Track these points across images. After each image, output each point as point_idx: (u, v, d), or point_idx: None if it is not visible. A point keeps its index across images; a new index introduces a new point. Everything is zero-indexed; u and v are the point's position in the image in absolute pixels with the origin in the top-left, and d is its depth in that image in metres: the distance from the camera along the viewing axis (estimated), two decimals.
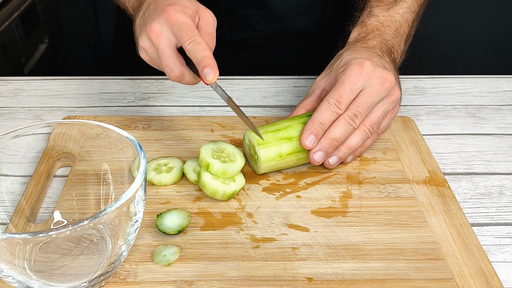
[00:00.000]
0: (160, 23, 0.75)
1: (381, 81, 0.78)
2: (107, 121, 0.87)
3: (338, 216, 0.72)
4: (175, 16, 0.75)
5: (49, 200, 0.76)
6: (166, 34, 0.75)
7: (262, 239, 0.69)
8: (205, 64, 0.72)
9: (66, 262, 0.60)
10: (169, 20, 0.75)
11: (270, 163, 0.77)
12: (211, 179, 0.74)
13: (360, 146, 0.80)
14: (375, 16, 0.91)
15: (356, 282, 0.63)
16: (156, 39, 0.75)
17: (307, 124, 0.77)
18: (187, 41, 0.73)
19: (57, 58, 2.18)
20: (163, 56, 0.75)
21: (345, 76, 0.78)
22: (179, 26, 0.74)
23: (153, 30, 0.75)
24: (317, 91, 0.84)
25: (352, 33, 0.91)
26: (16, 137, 0.66)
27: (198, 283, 0.63)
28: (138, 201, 0.58)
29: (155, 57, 0.78)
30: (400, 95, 0.83)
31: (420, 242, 0.68)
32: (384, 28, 0.90)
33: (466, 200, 0.78)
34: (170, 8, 0.75)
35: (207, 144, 0.77)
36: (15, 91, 1.03)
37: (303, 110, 0.83)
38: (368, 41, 0.87)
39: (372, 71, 0.78)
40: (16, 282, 0.57)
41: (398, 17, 0.92)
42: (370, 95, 0.78)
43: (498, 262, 0.68)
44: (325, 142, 0.77)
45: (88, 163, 0.72)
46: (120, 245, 0.59)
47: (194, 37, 0.73)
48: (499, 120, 0.96)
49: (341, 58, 0.83)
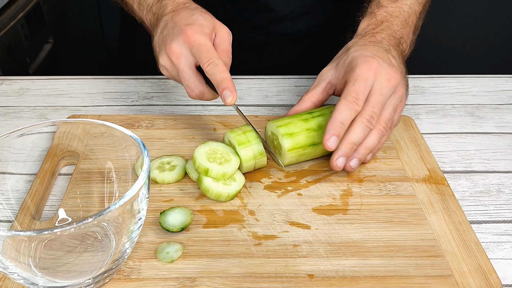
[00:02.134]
0: (179, 43, 0.77)
1: (388, 78, 0.78)
2: (111, 120, 0.87)
3: (339, 214, 0.72)
4: (194, 37, 0.77)
5: (54, 198, 0.76)
6: (185, 55, 0.78)
7: (264, 237, 0.69)
8: (224, 86, 0.75)
9: (70, 259, 0.60)
10: (188, 42, 0.77)
11: (293, 153, 0.78)
12: (213, 182, 0.73)
13: (377, 144, 0.79)
14: (384, 7, 0.90)
15: (357, 279, 0.63)
16: (176, 60, 0.78)
17: (328, 125, 0.75)
18: (206, 63, 0.76)
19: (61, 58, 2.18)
20: (183, 77, 0.78)
21: (355, 73, 0.78)
22: (198, 47, 0.77)
23: (173, 51, 0.78)
24: (322, 83, 0.84)
25: (361, 24, 0.90)
26: (21, 135, 0.66)
27: (200, 280, 0.63)
28: (142, 199, 0.58)
29: (175, 74, 0.81)
30: (406, 91, 0.83)
31: (419, 239, 0.68)
32: (393, 19, 0.89)
33: (465, 198, 0.78)
34: (189, 29, 0.78)
35: (199, 148, 0.76)
36: (20, 90, 1.03)
37: (308, 102, 0.83)
38: (376, 34, 0.87)
39: (379, 68, 0.78)
40: (21, 279, 0.57)
41: (406, 8, 0.91)
42: (381, 93, 0.77)
43: (496, 259, 0.68)
44: (345, 147, 0.76)
45: (92, 161, 0.72)
46: (124, 242, 0.59)
47: (212, 59, 0.76)
48: (498, 119, 0.96)
49: (348, 54, 0.82)
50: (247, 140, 0.77)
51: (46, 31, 2.00)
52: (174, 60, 0.78)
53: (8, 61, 1.66)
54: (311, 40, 1.22)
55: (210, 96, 0.81)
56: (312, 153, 0.79)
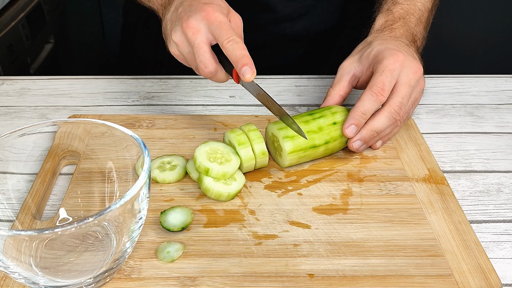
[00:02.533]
0: (197, 19, 0.76)
1: (414, 70, 0.80)
2: (112, 120, 0.87)
3: (339, 213, 0.72)
4: (214, 14, 0.76)
5: (55, 197, 0.76)
6: (203, 31, 0.77)
7: (264, 236, 0.69)
8: (244, 62, 0.75)
9: (71, 258, 0.60)
10: (208, 18, 0.76)
11: (294, 155, 0.78)
12: (213, 182, 0.73)
13: (388, 134, 0.81)
14: (400, 4, 0.92)
15: (357, 278, 0.63)
16: (193, 35, 0.76)
17: (351, 113, 0.78)
18: (226, 40, 0.75)
19: (62, 58, 2.18)
20: (198, 52, 0.77)
21: (383, 65, 0.79)
22: (218, 24, 0.76)
23: (190, 26, 0.76)
24: (346, 76, 0.84)
25: (378, 20, 0.92)
26: (22, 135, 0.66)
27: (201, 279, 0.62)
28: (142, 198, 0.58)
29: (186, 52, 0.79)
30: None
31: (419, 239, 0.68)
32: (409, 16, 0.91)
33: (465, 198, 0.78)
34: (208, 7, 0.77)
35: (199, 148, 0.76)
36: (21, 90, 1.03)
37: (337, 96, 0.84)
38: (395, 30, 0.88)
39: (405, 60, 0.80)
40: (22, 278, 0.57)
41: (420, 5, 0.94)
42: (409, 84, 0.79)
43: (496, 258, 0.68)
44: (366, 133, 0.78)
45: (93, 161, 0.72)
46: (125, 241, 0.59)
47: (233, 37, 0.75)
48: (497, 119, 0.96)
49: (371, 47, 0.84)
50: (247, 140, 0.77)
51: (47, 31, 2.00)
52: (190, 35, 0.76)
53: (9, 61, 1.66)
54: (311, 40, 1.22)
55: (222, 76, 0.80)
56: (313, 155, 0.79)
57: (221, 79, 0.81)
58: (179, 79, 1.07)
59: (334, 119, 0.79)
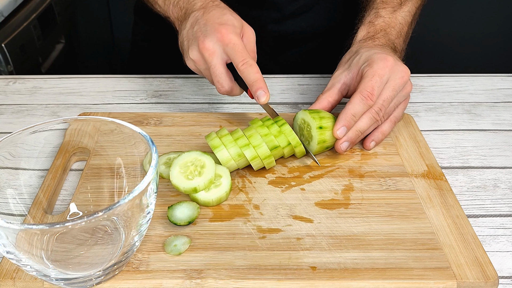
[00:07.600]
0: (213, 41, 0.79)
1: (402, 75, 0.80)
2: (121, 118, 0.87)
3: (340, 208, 0.72)
4: (229, 36, 0.79)
5: (65, 192, 0.76)
6: (218, 52, 0.80)
7: (268, 230, 0.68)
8: (258, 86, 0.78)
9: (81, 251, 0.60)
10: (223, 40, 0.79)
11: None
12: (207, 193, 0.72)
13: (367, 130, 0.81)
14: (382, 17, 0.93)
15: (358, 271, 0.63)
16: (209, 56, 0.79)
17: (341, 115, 0.78)
18: (240, 63, 0.78)
19: (73, 58, 2.18)
20: (215, 73, 0.80)
21: (372, 69, 0.79)
22: (232, 47, 0.79)
23: (206, 47, 0.79)
24: (337, 84, 0.85)
25: (360, 32, 0.93)
26: (34, 132, 0.66)
27: (207, 272, 0.62)
28: (150, 193, 0.58)
29: (202, 68, 0.82)
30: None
31: (418, 233, 0.68)
32: (390, 29, 0.92)
33: (462, 193, 0.78)
34: (223, 28, 0.79)
35: (172, 173, 0.72)
36: (33, 89, 1.03)
37: (325, 101, 0.84)
38: (377, 39, 0.89)
39: (395, 65, 0.80)
40: (34, 271, 0.57)
41: (400, 19, 0.94)
42: (394, 88, 0.80)
43: (492, 251, 0.68)
44: (352, 134, 0.79)
45: (103, 157, 0.72)
46: (133, 235, 0.59)
47: (246, 59, 0.78)
48: (494, 116, 0.96)
49: (359, 54, 0.84)
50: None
51: (58, 32, 2.00)
52: (206, 56, 0.79)
53: (21, 60, 1.67)
54: (315, 39, 1.22)
55: (238, 92, 0.84)
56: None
57: (236, 94, 0.84)
58: (186, 78, 1.07)
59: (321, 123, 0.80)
